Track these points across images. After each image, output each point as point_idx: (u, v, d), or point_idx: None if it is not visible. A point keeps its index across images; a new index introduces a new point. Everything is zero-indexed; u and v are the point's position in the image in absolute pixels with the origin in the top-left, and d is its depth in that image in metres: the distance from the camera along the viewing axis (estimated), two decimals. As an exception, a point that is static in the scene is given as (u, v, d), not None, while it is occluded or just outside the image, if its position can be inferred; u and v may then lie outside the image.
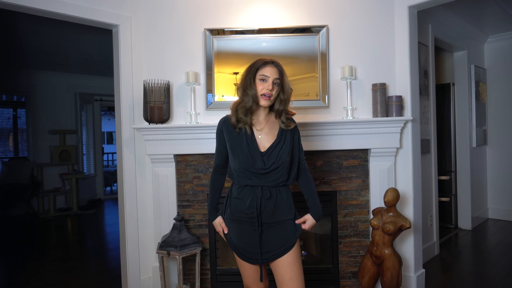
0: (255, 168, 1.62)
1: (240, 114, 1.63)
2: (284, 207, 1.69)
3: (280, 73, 1.64)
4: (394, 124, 2.58)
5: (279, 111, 1.67)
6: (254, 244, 1.67)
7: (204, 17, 2.70)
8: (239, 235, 1.70)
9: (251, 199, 1.65)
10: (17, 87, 6.00)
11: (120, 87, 2.69)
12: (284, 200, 1.69)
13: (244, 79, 1.66)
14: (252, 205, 1.64)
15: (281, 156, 1.64)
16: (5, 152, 6.27)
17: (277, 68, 1.64)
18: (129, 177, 2.73)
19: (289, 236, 1.68)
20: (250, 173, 1.63)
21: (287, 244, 1.67)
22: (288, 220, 1.70)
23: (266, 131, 1.69)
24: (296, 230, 1.71)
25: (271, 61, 1.65)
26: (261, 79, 1.61)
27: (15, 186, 5.56)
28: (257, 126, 1.69)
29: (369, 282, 2.48)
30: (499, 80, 4.75)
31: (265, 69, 1.62)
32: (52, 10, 2.37)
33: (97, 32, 3.09)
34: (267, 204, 1.65)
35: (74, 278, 3.18)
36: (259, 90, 1.61)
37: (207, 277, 2.71)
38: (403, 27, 2.65)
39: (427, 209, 3.40)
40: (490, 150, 4.86)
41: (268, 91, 1.60)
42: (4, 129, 6.27)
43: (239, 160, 1.64)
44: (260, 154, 1.63)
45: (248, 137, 1.65)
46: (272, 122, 1.71)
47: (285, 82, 1.65)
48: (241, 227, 1.69)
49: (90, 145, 7.10)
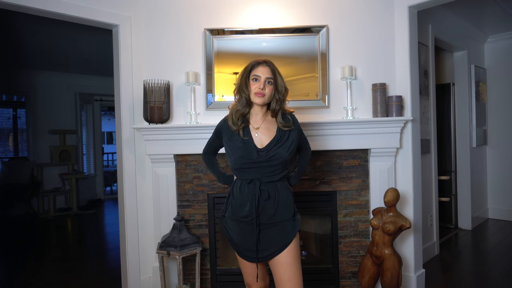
0: (250, 158, 1.64)
1: (234, 119, 1.70)
2: (283, 207, 1.70)
3: (273, 72, 1.68)
4: (394, 124, 2.58)
5: (275, 110, 1.71)
6: (251, 242, 1.68)
7: (204, 17, 2.70)
8: (239, 234, 1.73)
9: (251, 201, 1.66)
10: (17, 87, 6.00)
11: (120, 87, 2.69)
12: (284, 199, 1.70)
13: (239, 81, 1.72)
14: (251, 208, 1.66)
15: (280, 152, 1.65)
16: (5, 152, 6.27)
17: (269, 67, 1.69)
18: (129, 177, 2.73)
19: (287, 234, 1.69)
20: (245, 164, 1.65)
21: (284, 241, 1.67)
22: (287, 220, 1.70)
23: (263, 130, 1.71)
24: (294, 226, 1.70)
25: (264, 61, 1.70)
26: (254, 79, 1.67)
27: (15, 186, 5.56)
28: (254, 125, 1.73)
29: (369, 282, 2.47)
30: (499, 80, 4.75)
31: (257, 69, 1.68)
32: (51, 10, 2.37)
33: (96, 32, 3.09)
34: (266, 205, 1.66)
35: (74, 278, 3.18)
36: (252, 90, 1.66)
37: (207, 277, 2.71)
38: (403, 27, 2.65)
39: (427, 209, 3.40)
40: (490, 150, 4.86)
41: (260, 89, 1.64)
42: (4, 129, 6.27)
43: (234, 156, 1.68)
44: (255, 149, 1.66)
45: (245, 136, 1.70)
46: (269, 122, 1.74)
47: (278, 81, 1.68)
48: (240, 226, 1.72)
49: (90, 145, 7.09)
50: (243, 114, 1.70)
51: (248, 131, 1.71)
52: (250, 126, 1.73)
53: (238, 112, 1.70)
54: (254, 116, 1.74)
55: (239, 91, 1.71)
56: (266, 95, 1.66)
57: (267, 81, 1.66)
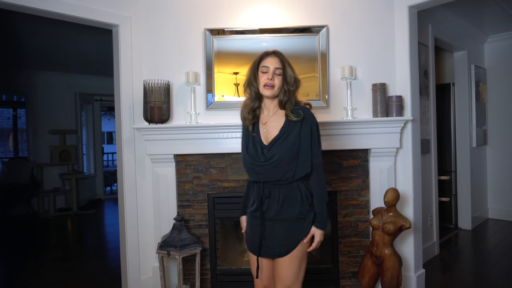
0: (257, 161, 1.62)
1: (244, 113, 1.68)
2: (291, 205, 1.62)
3: (282, 62, 1.63)
4: (394, 124, 2.58)
5: (283, 101, 1.64)
6: (256, 237, 1.68)
7: (204, 17, 2.70)
8: (249, 227, 1.75)
9: (255, 197, 1.67)
10: (17, 87, 6.00)
11: (120, 87, 2.69)
12: (293, 197, 1.62)
13: (248, 74, 1.68)
14: (254, 203, 1.67)
15: (283, 150, 1.59)
16: (5, 152, 6.27)
17: (278, 57, 1.64)
18: (129, 177, 2.73)
19: (293, 237, 1.63)
20: (253, 167, 1.64)
21: (290, 245, 1.62)
22: (295, 220, 1.62)
23: (270, 124, 1.66)
24: (303, 230, 1.63)
25: (272, 52, 1.67)
26: (262, 71, 1.63)
27: (15, 186, 5.56)
28: (263, 119, 1.69)
29: (369, 282, 2.47)
30: (499, 80, 4.74)
31: (265, 60, 1.64)
32: (51, 10, 2.36)
33: (96, 32, 3.09)
34: (269, 202, 1.64)
35: (74, 278, 3.18)
36: (261, 82, 1.62)
37: (207, 277, 2.71)
38: (403, 27, 2.65)
39: (427, 209, 3.40)
40: (490, 150, 4.86)
41: (269, 80, 1.60)
42: (4, 129, 6.27)
43: (244, 155, 1.69)
44: (261, 147, 1.64)
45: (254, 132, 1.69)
46: (278, 115, 1.67)
47: (287, 72, 1.63)
48: (250, 220, 1.73)
49: (90, 145, 7.09)
50: (252, 108, 1.67)
51: (257, 127, 1.68)
52: (259, 120, 1.69)
53: (247, 106, 1.67)
54: (265, 110, 1.69)
55: (248, 85, 1.66)
56: (276, 87, 1.60)
57: (276, 72, 1.61)
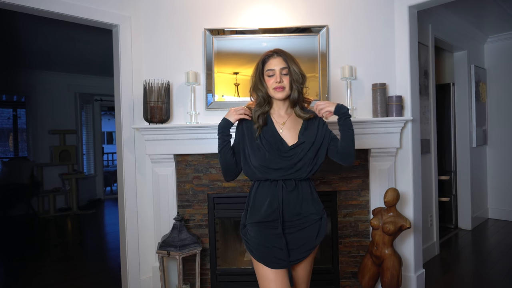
0: (277, 165, 1.54)
1: (255, 118, 1.61)
2: (308, 200, 1.59)
3: (286, 61, 1.59)
4: (394, 124, 2.58)
5: (294, 99, 1.61)
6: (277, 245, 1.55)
7: (204, 17, 2.70)
8: (261, 238, 1.56)
9: (272, 194, 1.55)
10: (17, 87, 6.00)
11: (120, 87, 2.69)
12: (308, 193, 1.60)
13: (253, 78, 1.64)
14: (273, 200, 1.55)
15: (306, 154, 1.56)
16: (5, 152, 6.27)
17: (281, 57, 1.60)
18: (129, 177, 2.73)
19: (312, 238, 1.59)
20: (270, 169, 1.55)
21: (309, 247, 1.59)
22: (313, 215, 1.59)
23: (288, 126, 1.62)
24: (320, 231, 1.60)
25: (274, 52, 1.61)
26: (269, 75, 1.59)
27: (15, 186, 5.56)
28: (279, 120, 1.64)
29: (369, 282, 2.47)
30: (499, 80, 4.74)
31: (269, 62, 1.60)
32: (51, 10, 2.36)
33: (96, 32, 3.10)
34: (290, 197, 1.55)
35: (74, 278, 3.18)
36: (270, 86, 1.58)
37: (207, 277, 2.71)
38: (403, 27, 2.65)
39: (427, 209, 3.40)
40: (490, 150, 4.86)
41: (278, 84, 1.56)
42: (4, 129, 6.28)
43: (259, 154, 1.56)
44: (285, 146, 1.57)
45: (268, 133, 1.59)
46: (294, 118, 1.65)
47: (292, 70, 1.58)
48: (262, 229, 1.57)
49: (90, 145, 7.10)
50: (263, 113, 1.61)
51: (271, 128, 1.61)
52: (274, 122, 1.63)
53: (257, 112, 1.60)
54: (277, 111, 1.65)
55: (255, 90, 1.62)
56: (286, 87, 1.57)
57: (282, 72, 1.57)
